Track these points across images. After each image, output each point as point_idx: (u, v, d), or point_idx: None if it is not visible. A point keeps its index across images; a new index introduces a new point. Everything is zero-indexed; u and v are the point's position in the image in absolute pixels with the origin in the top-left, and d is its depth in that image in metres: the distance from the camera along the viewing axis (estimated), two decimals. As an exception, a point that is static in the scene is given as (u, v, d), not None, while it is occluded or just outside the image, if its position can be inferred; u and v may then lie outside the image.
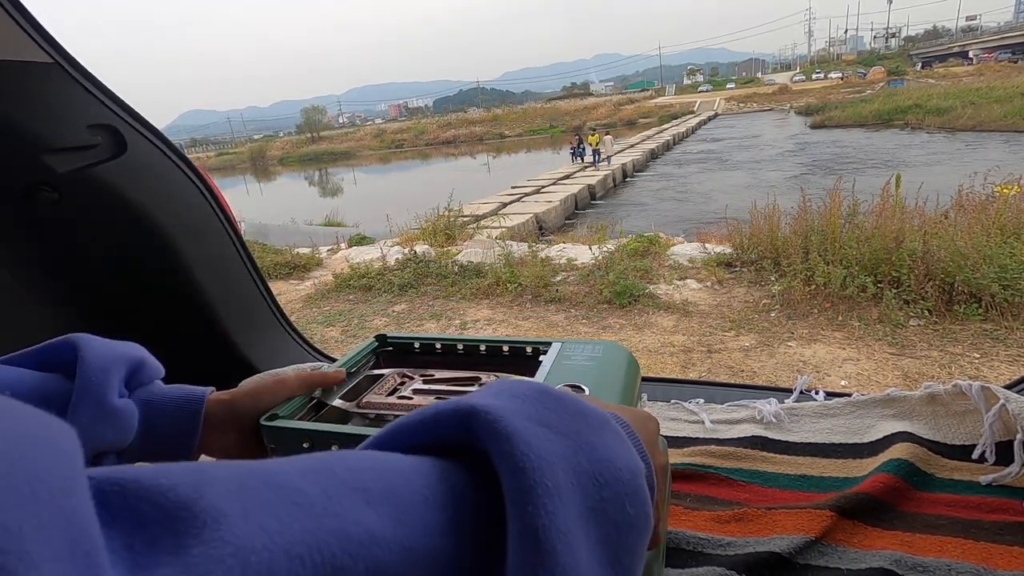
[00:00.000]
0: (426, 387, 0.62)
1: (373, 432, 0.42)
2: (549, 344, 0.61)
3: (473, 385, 0.61)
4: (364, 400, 0.61)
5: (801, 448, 0.97)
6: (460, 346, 0.66)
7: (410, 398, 0.60)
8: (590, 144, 15.97)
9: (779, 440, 0.99)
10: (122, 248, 0.95)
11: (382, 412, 0.59)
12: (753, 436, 1.00)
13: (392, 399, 0.61)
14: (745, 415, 1.06)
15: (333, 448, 0.50)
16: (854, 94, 34.73)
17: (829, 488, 0.87)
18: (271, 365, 1.06)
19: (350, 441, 0.51)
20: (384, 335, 0.73)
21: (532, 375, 0.57)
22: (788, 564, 0.73)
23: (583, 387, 0.52)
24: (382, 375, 0.66)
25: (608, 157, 15.72)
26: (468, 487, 0.23)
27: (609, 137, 16.37)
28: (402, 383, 0.64)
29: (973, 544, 0.72)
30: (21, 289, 0.57)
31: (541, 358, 0.60)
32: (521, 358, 0.63)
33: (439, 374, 0.65)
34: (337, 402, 0.60)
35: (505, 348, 0.64)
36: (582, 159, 14.99)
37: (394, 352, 0.73)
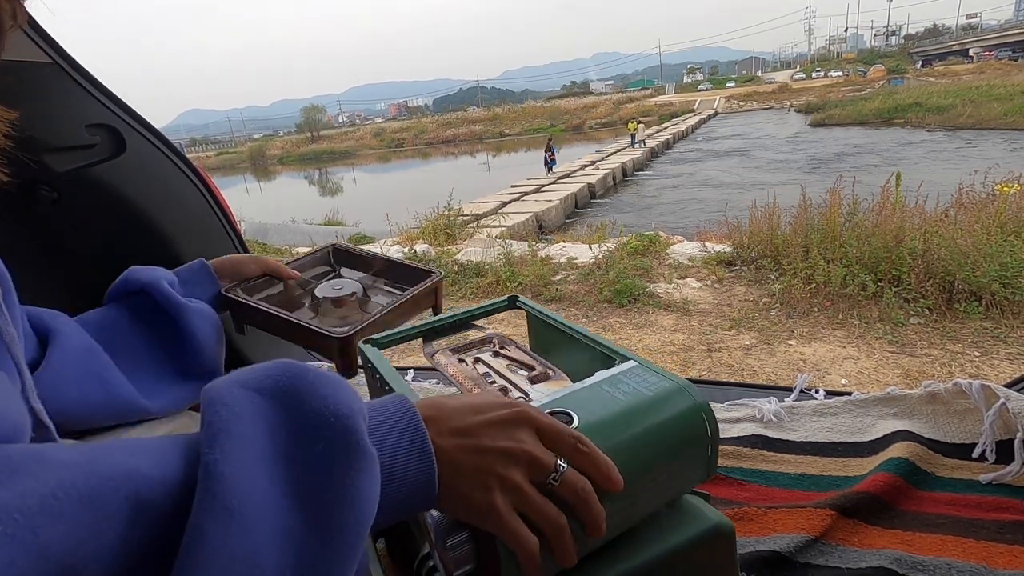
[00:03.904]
0: (490, 361, 0.66)
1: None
2: (625, 359, 0.56)
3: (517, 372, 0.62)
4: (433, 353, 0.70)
5: (801, 447, 0.97)
6: (567, 332, 0.66)
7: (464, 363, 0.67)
8: (628, 130, 20.88)
9: (779, 439, 0.99)
10: (121, 248, 0.95)
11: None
12: (753, 435, 1.00)
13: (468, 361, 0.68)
14: (745, 414, 1.06)
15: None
16: (854, 92, 34.70)
17: (829, 487, 0.87)
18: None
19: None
20: (517, 296, 0.77)
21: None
22: (789, 563, 0.73)
23: (572, 415, 0.46)
24: (487, 336, 0.73)
25: (643, 140, 20.75)
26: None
27: (642, 125, 22.76)
28: (485, 346, 0.71)
29: (973, 543, 0.72)
30: (18, 289, 0.57)
31: (610, 368, 0.55)
32: (592, 354, 0.61)
33: (515, 352, 0.68)
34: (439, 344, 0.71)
35: (594, 347, 0.61)
36: (550, 169, 15.13)
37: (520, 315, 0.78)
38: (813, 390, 1.11)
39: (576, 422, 0.46)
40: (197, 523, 0.25)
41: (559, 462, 0.38)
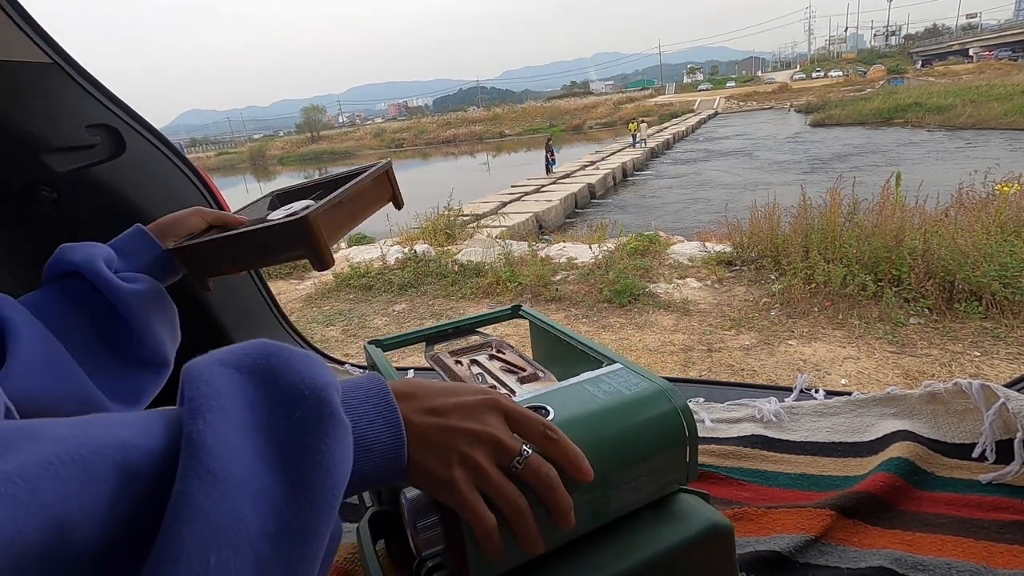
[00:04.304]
0: (485, 363, 0.67)
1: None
2: (612, 361, 0.57)
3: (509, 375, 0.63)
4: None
5: (801, 447, 0.97)
6: (564, 339, 0.67)
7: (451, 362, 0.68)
8: (628, 130, 20.46)
9: (779, 439, 0.99)
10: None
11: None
12: (753, 435, 1.00)
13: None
14: (745, 414, 1.06)
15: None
16: (854, 92, 34.70)
17: (829, 487, 0.87)
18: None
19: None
20: (520, 306, 0.79)
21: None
22: (788, 563, 0.73)
23: (549, 408, 0.48)
24: (487, 341, 0.74)
25: (644, 140, 20.05)
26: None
27: (644, 124, 21.36)
28: (483, 349, 0.72)
29: (973, 543, 0.72)
30: (19, 289, 0.57)
31: (599, 369, 0.56)
32: (586, 359, 0.62)
33: (510, 355, 0.68)
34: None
35: (587, 351, 0.63)
36: (550, 170, 15.28)
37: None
38: (813, 390, 1.11)
39: (552, 416, 0.47)
40: (183, 488, 0.26)
41: (524, 447, 0.39)
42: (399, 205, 0.70)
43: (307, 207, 0.60)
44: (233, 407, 0.30)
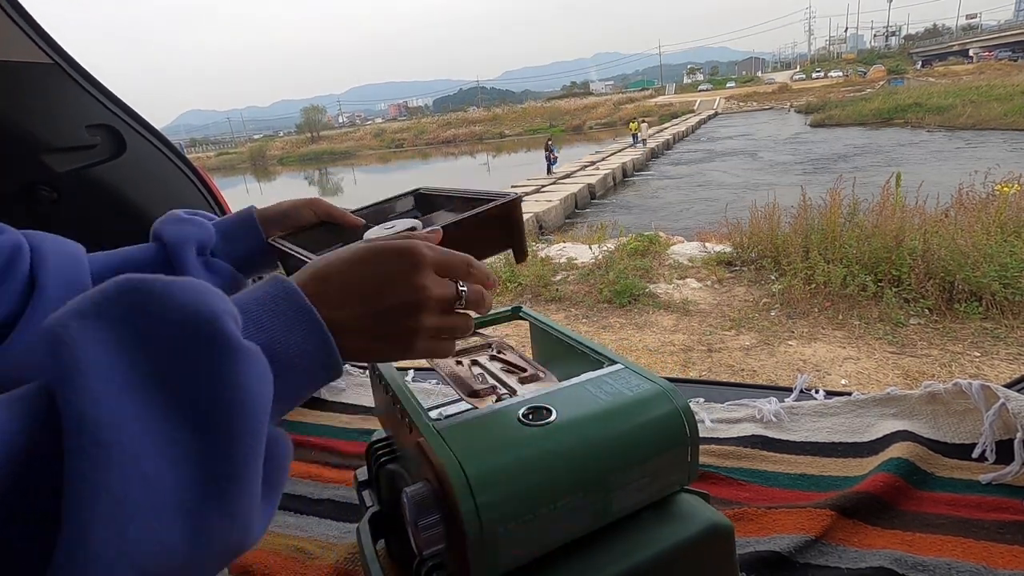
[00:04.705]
0: (486, 363, 0.67)
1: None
2: (612, 362, 0.57)
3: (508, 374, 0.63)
4: None
5: (801, 447, 0.97)
6: (564, 340, 0.68)
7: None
8: (629, 130, 20.46)
9: (779, 439, 0.99)
10: (121, 248, 0.95)
11: None
12: (753, 435, 1.00)
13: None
14: (745, 414, 1.06)
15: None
16: (854, 93, 34.69)
17: (829, 487, 0.87)
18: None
19: None
20: (520, 307, 0.80)
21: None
22: (788, 563, 0.73)
23: (552, 409, 0.48)
24: (487, 342, 0.73)
25: (644, 140, 19.88)
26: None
27: (645, 124, 21.32)
28: (484, 350, 0.71)
29: (973, 543, 0.72)
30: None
31: (600, 370, 0.56)
32: (587, 360, 0.62)
33: (511, 356, 0.68)
34: None
35: (588, 352, 0.62)
36: (550, 170, 15.34)
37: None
38: (813, 390, 1.11)
39: (554, 416, 0.47)
40: (72, 467, 0.24)
41: (460, 287, 0.41)
42: (521, 256, 0.55)
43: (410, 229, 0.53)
44: (106, 362, 0.26)
